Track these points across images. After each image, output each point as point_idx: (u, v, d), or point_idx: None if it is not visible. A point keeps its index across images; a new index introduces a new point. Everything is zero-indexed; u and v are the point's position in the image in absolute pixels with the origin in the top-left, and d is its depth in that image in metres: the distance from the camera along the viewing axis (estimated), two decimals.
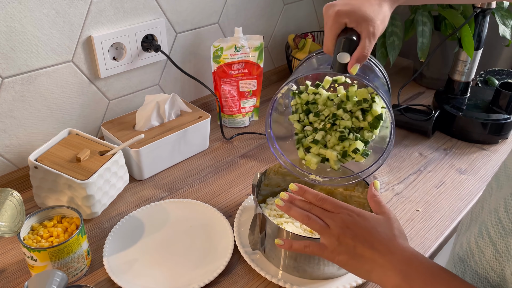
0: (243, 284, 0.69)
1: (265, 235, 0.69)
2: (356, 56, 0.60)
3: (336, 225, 0.55)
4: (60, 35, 0.84)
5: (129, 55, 0.95)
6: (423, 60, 1.08)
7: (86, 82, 0.92)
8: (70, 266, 0.66)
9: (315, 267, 0.67)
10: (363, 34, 0.60)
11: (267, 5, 1.20)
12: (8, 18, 0.76)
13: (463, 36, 1.02)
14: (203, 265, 0.71)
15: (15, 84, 0.82)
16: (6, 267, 0.71)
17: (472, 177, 0.93)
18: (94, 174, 0.76)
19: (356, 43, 0.61)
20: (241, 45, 1.02)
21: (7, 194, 0.64)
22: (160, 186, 0.89)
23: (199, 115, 0.96)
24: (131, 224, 0.79)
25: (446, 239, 0.79)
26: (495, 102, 1.04)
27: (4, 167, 0.87)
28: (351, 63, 0.61)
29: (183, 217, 0.80)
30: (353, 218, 0.55)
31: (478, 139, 1.03)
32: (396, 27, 1.10)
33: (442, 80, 1.18)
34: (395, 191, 0.89)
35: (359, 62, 0.61)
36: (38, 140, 0.89)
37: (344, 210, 0.56)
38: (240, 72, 1.05)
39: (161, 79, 1.06)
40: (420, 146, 1.03)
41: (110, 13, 0.89)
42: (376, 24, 0.61)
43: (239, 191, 0.88)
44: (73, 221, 0.70)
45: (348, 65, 0.61)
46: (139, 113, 0.92)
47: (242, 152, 1.00)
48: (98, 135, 0.99)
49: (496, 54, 1.36)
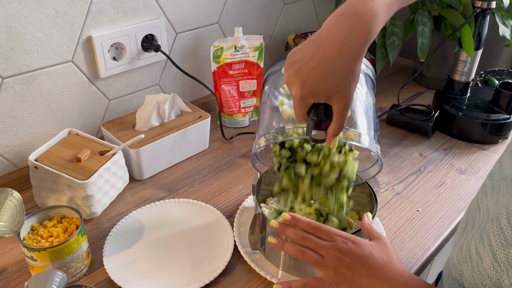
0: (243, 284, 0.69)
1: (265, 235, 0.69)
2: (331, 133, 0.55)
3: (332, 255, 0.55)
4: (60, 35, 0.84)
5: (129, 55, 0.95)
6: (423, 60, 1.08)
7: (86, 82, 0.92)
8: (70, 266, 0.66)
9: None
10: (334, 109, 0.53)
11: (267, 5, 1.20)
12: (8, 18, 0.76)
13: (463, 36, 1.02)
14: (203, 265, 0.71)
15: (15, 84, 0.82)
16: (6, 267, 0.71)
17: (472, 177, 0.93)
18: (94, 174, 0.76)
19: (329, 119, 0.55)
20: (241, 45, 1.02)
21: (7, 194, 0.64)
22: (160, 186, 0.89)
23: (199, 115, 0.96)
24: (131, 224, 0.79)
25: (446, 239, 0.79)
26: (495, 102, 1.04)
27: (4, 167, 0.87)
28: (329, 140, 0.55)
29: (183, 217, 0.80)
30: (348, 246, 0.55)
31: (478, 139, 1.03)
32: (396, 27, 1.10)
33: (442, 80, 1.18)
34: (395, 191, 0.89)
35: (336, 135, 0.55)
36: (38, 140, 0.89)
37: (338, 238, 0.56)
38: (240, 72, 1.05)
39: (161, 79, 1.06)
40: (420, 146, 1.03)
41: (110, 13, 0.89)
42: (348, 93, 0.52)
43: (239, 191, 0.88)
44: (73, 221, 0.70)
45: (327, 141, 0.56)
46: (139, 113, 0.92)
47: (242, 152, 1.00)
48: (98, 135, 0.99)
49: (496, 54, 1.36)
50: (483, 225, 0.52)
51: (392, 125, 1.10)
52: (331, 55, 0.50)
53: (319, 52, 0.51)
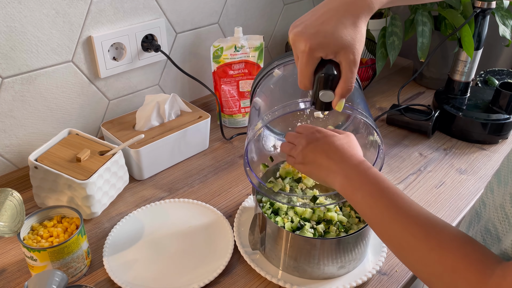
0: (243, 284, 0.69)
1: (265, 235, 0.69)
2: (340, 93, 0.55)
3: (300, 142, 0.65)
4: (60, 35, 0.84)
5: (129, 55, 0.95)
6: (423, 60, 1.08)
7: (86, 82, 0.92)
8: (70, 266, 0.66)
9: (315, 267, 0.67)
10: (343, 65, 0.54)
11: (267, 5, 1.20)
12: (8, 18, 0.76)
13: (463, 36, 1.02)
14: (203, 265, 0.71)
15: (15, 84, 0.82)
16: (6, 267, 0.71)
17: (472, 177, 0.93)
18: (94, 174, 0.76)
19: (337, 77, 0.54)
20: (241, 45, 1.02)
21: (7, 194, 0.64)
22: (160, 186, 0.89)
23: (199, 115, 0.96)
24: (131, 224, 0.79)
25: None
26: (495, 102, 1.04)
27: (4, 167, 0.87)
28: (336, 101, 0.55)
29: (183, 217, 0.80)
30: (314, 135, 0.65)
31: (478, 139, 1.03)
32: (396, 27, 1.10)
33: (442, 80, 1.18)
34: None
35: (344, 97, 0.55)
36: (38, 140, 0.89)
37: (311, 129, 0.66)
38: (240, 72, 1.05)
39: (161, 79, 1.06)
40: (420, 146, 1.03)
41: (110, 13, 0.89)
42: (356, 49, 0.53)
43: (239, 191, 0.88)
44: (73, 221, 0.70)
45: (333, 103, 0.56)
46: (139, 113, 0.92)
47: (242, 152, 1.00)
48: (98, 135, 0.99)
49: (496, 54, 1.36)
50: (487, 216, 0.52)
51: (392, 125, 1.10)
52: (339, 12, 0.53)
53: (327, 10, 0.54)
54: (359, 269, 0.70)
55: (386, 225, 0.52)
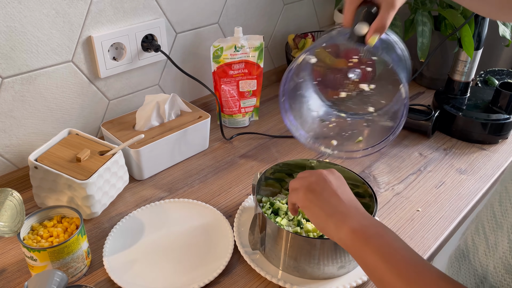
0: (243, 284, 0.69)
1: (265, 235, 0.69)
2: (374, 27, 0.59)
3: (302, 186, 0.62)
4: (60, 35, 0.84)
5: (129, 55, 0.95)
6: (423, 60, 1.08)
7: (86, 82, 0.92)
8: (70, 266, 0.66)
9: (315, 267, 0.67)
10: (383, 5, 0.59)
11: (267, 5, 1.20)
12: (8, 18, 0.76)
13: (463, 36, 1.02)
14: (203, 265, 0.71)
15: (15, 84, 0.82)
16: (6, 267, 0.71)
17: (472, 177, 0.93)
18: (94, 174, 0.76)
19: (375, 15, 0.60)
20: (241, 45, 1.02)
21: (7, 194, 0.64)
22: (160, 186, 0.89)
23: (199, 115, 0.96)
24: (131, 224, 0.79)
25: (446, 239, 0.79)
26: (495, 102, 1.04)
27: (4, 167, 0.87)
28: (370, 34, 0.59)
29: (183, 217, 0.80)
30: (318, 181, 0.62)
31: (478, 139, 1.03)
32: (396, 27, 1.10)
33: (442, 80, 1.18)
34: (395, 191, 0.89)
35: (377, 32, 0.59)
36: (38, 140, 0.89)
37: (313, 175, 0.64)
38: (240, 72, 1.05)
39: (161, 79, 1.06)
40: (420, 146, 1.03)
41: (110, 13, 0.89)
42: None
43: (239, 191, 0.88)
44: (73, 221, 0.70)
45: (367, 35, 0.60)
46: (139, 113, 0.92)
47: (242, 152, 1.00)
48: (98, 135, 0.99)
49: (496, 54, 1.36)
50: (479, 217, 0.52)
51: None
52: None
53: None
54: (359, 269, 0.70)
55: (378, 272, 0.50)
